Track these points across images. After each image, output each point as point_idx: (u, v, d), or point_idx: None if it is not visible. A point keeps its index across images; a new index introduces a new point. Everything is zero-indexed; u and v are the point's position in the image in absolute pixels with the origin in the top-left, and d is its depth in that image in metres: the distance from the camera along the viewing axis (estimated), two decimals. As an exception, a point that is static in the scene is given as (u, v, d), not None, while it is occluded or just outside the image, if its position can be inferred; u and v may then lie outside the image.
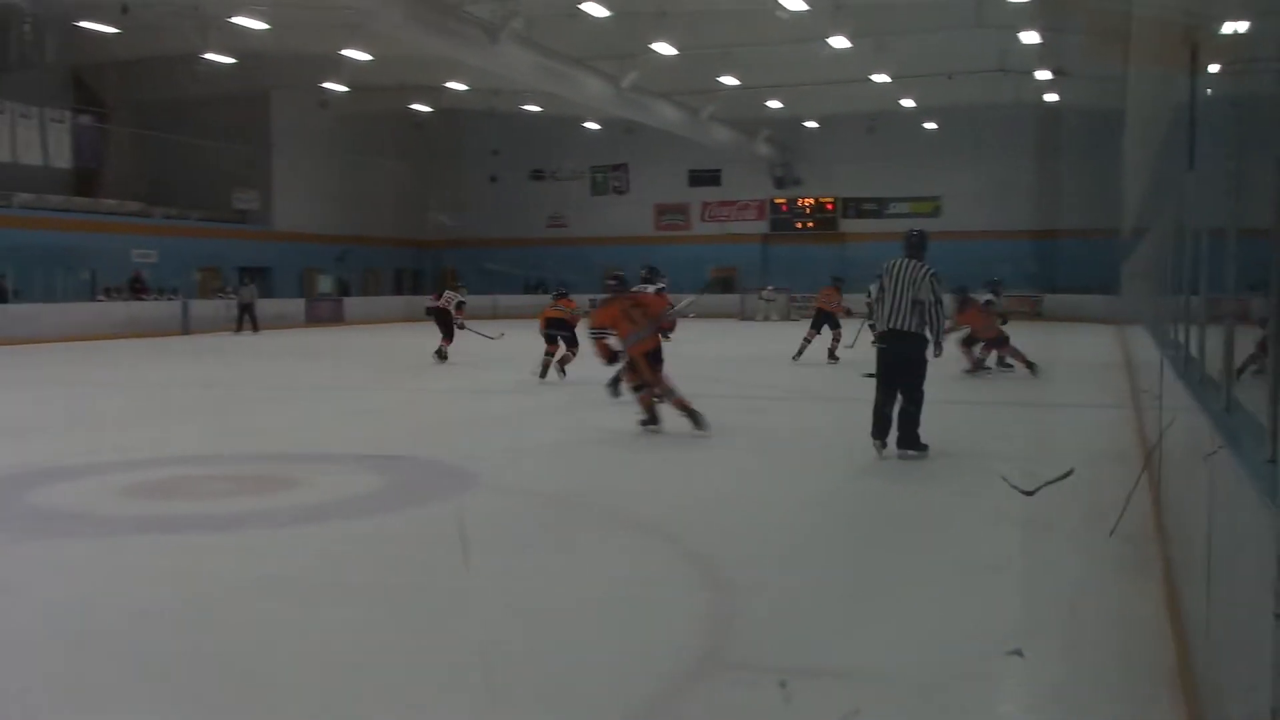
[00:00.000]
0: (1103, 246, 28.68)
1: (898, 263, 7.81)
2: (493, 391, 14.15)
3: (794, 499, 7.04)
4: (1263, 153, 2.39)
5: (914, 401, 7.84)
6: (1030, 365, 14.86)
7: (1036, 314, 32.88)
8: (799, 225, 39.69)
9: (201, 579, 5.07)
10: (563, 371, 14.68)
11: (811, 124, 37.70)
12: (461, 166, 42.36)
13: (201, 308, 29.23)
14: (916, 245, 7.93)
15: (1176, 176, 5.49)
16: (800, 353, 17.07)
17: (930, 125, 36.16)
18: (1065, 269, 32.93)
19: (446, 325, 18.04)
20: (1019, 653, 3.83)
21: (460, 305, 18.52)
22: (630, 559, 5.45)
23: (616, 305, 9.55)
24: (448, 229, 41.37)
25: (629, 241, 40.82)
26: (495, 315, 37.31)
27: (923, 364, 7.85)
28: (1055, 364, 16.32)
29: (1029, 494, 5.86)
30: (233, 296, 30.07)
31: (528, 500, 6.88)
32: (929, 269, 7.77)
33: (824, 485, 7.54)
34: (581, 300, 16.63)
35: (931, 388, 8.11)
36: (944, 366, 10.30)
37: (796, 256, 38.26)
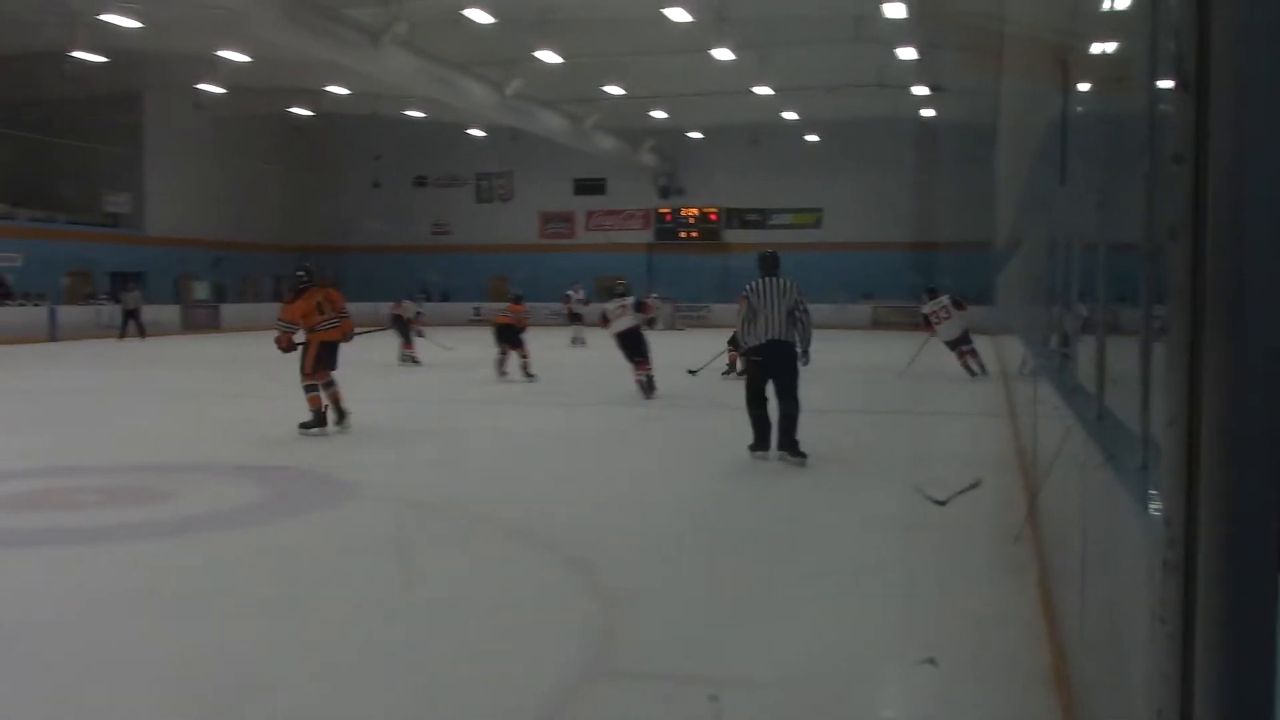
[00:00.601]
0: (978, 258, 29.51)
1: (762, 282, 8.29)
2: (377, 400, 13.92)
3: (676, 504, 7.07)
4: (1130, 169, 2.46)
5: (795, 406, 8.23)
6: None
7: (916, 324, 33.70)
8: (683, 235, 40.05)
9: (74, 592, 4.91)
10: (529, 375, 15.76)
11: (695, 135, 38.08)
12: (343, 172, 41.74)
13: (69, 314, 28.21)
14: (774, 264, 8.47)
15: (1049, 191, 5.66)
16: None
17: (812, 138, 36.82)
18: (942, 280, 33.76)
19: (405, 332, 19.10)
20: (932, 661, 3.88)
21: (419, 314, 19.78)
22: (513, 567, 5.41)
23: (309, 298, 10.08)
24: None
25: (514, 249, 40.76)
26: (378, 325, 36.79)
27: (797, 370, 8.31)
28: (933, 374, 16.69)
29: (941, 503, 6.00)
30: (108, 302, 29.11)
31: (409, 510, 6.79)
32: (796, 283, 8.35)
33: (709, 490, 7.59)
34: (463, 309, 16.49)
35: (819, 396, 8.26)
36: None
37: (681, 266, 38.63)
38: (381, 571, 5.34)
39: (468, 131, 37.96)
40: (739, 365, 16.81)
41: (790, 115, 34.21)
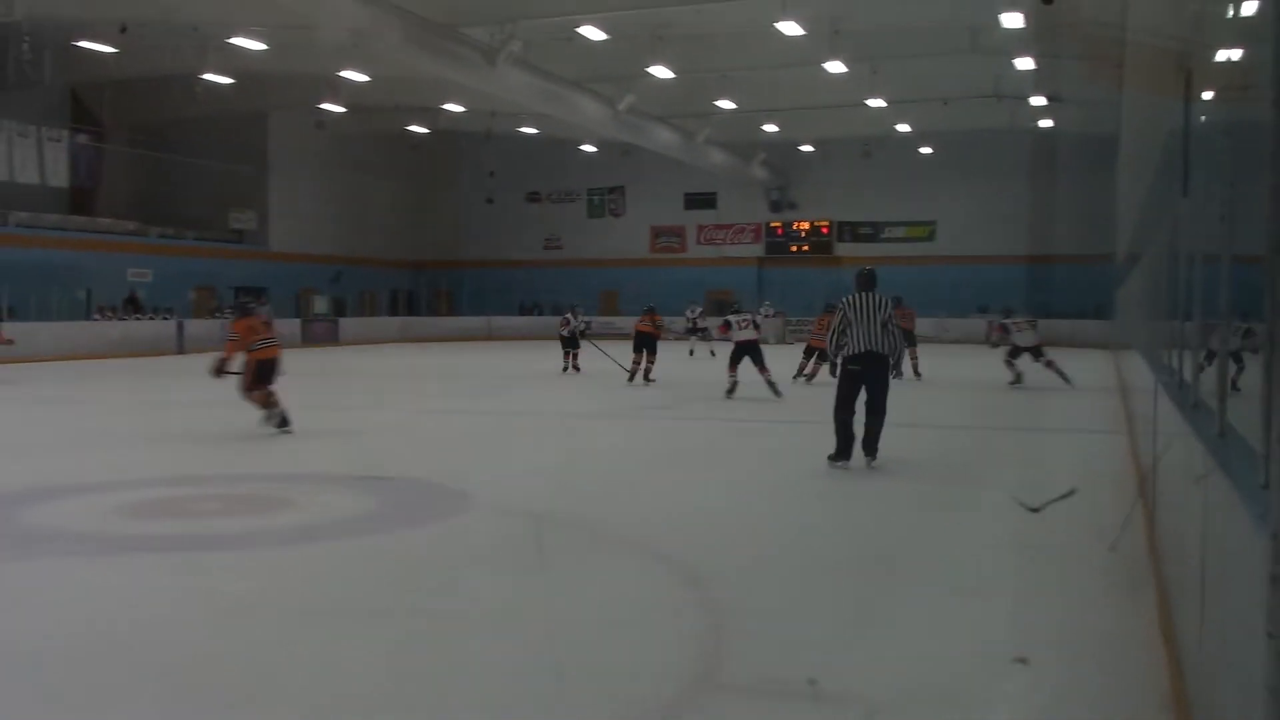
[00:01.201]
0: (1097, 272, 28.78)
1: (858, 296, 8.73)
2: (490, 413, 14.17)
3: (784, 520, 7.05)
4: (1255, 180, 2.42)
5: (883, 418, 8.73)
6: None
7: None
8: (794, 249, 39.84)
9: (208, 596, 5.10)
10: (649, 379, 17.69)
11: (807, 148, 37.87)
12: (458, 188, 42.52)
13: (196, 327, 29.24)
14: (871, 280, 8.91)
15: (1170, 203, 5.53)
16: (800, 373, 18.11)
17: (925, 150, 36.35)
18: (1059, 294, 33.04)
19: (573, 344, 20.60)
20: (1024, 660, 3.84)
21: (586, 326, 21.37)
22: (623, 579, 5.45)
23: (249, 320, 11.32)
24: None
25: (624, 264, 41.00)
26: (490, 336, 37.37)
27: (888, 382, 8.88)
28: (1051, 389, 16.38)
29: (1035, 510, 5.93)
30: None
31: (523, 521, 6.87)
32: (890, 298, 8.94)
33: (814, 507, 7.55)
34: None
35: (930, 413, 8.21)
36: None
37: (792, 279, 38.43)
38: (497, 582, 5.42)
39: (580, 147, 38.36)
40: (807, 370, 18.07)
41: (903, 127, 33.83)
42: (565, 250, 42.47)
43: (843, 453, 8.70)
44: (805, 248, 39.67)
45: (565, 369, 20.53)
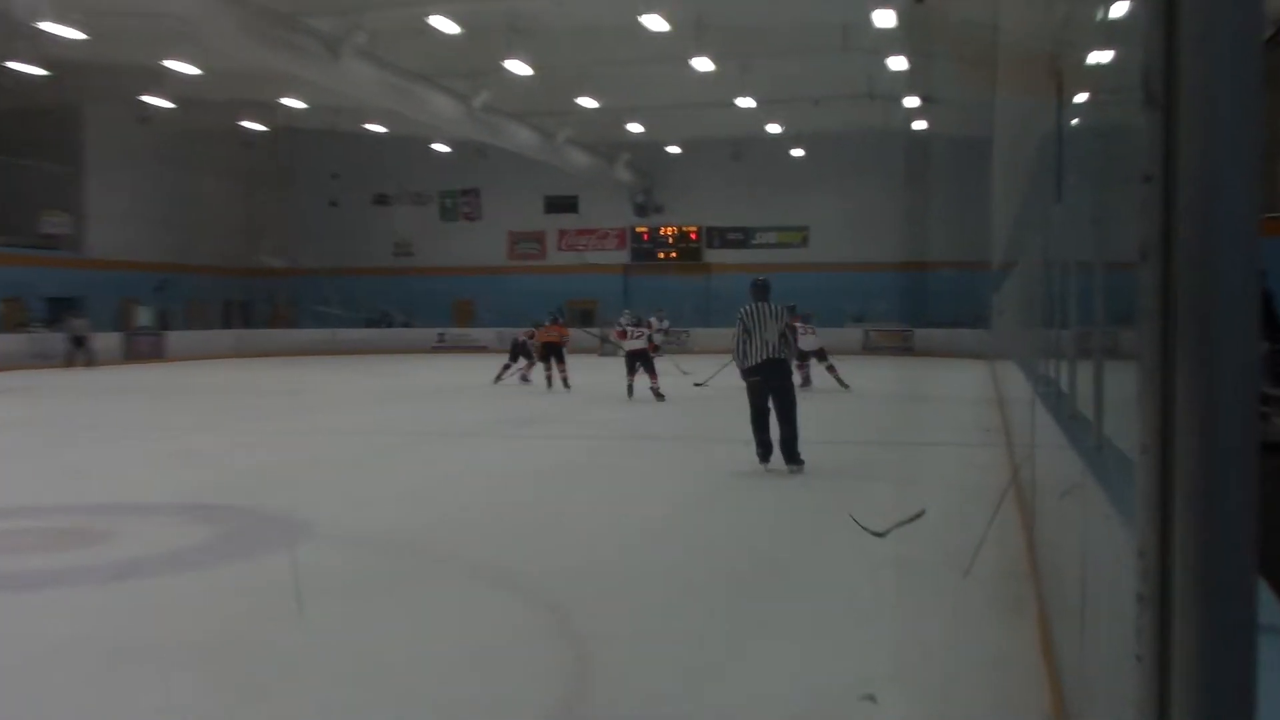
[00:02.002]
0: (973, 279, 29.72)
1: (755, 307, 9.65)
2: (340, 433, 13.92)
3: (658, 542, 7.08)
4: (1127, 185, 2.51)
5: (794, 424, 9.70)
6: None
7: (907, 349, 33.91)
8: (662, 255, 40.19)
9: (22, 639, 4.89)
10: (567, 385, 19.29)
11: (674, 149, 38.27)
12: (298, 189, 41.76)
13: (3, 342, 28.04)
14: (765, 290, 9.89)
15: (1044, 208, 5.72)
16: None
17: (797, 152, 37.06)
18: (935, 302, 34.03)
19: (527, 355, 21.10)
20: (871, 698, 3.92)
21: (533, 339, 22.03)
22: (482, 610, 5.41)
23: None
24: (281, 260, 40.65)
25: (480, 271, 40.80)
26: (335, 350, 36.74)
27: (793, 384, 10.03)
28: (927, 400, 16.81)
29: (879, 535, 6.10)
30: (45, 330, 29.03)
31: (370, 550, 6.77)
32: (784, 307, 9.87)
33: (693, 527, 7.60)
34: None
35: (813, 427, 8.37)
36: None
37: (659, 288, 38.75)
38: (344, 617, 5.32)
39: (432, 147, 38.04)
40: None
41: (774, 128, 34.44)
42: (416, 257, 42.03)
43: (762, 454, 9.79)
44: (673, 254, 40.07)
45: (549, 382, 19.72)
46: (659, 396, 16.99)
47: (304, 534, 7.27)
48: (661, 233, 40.25)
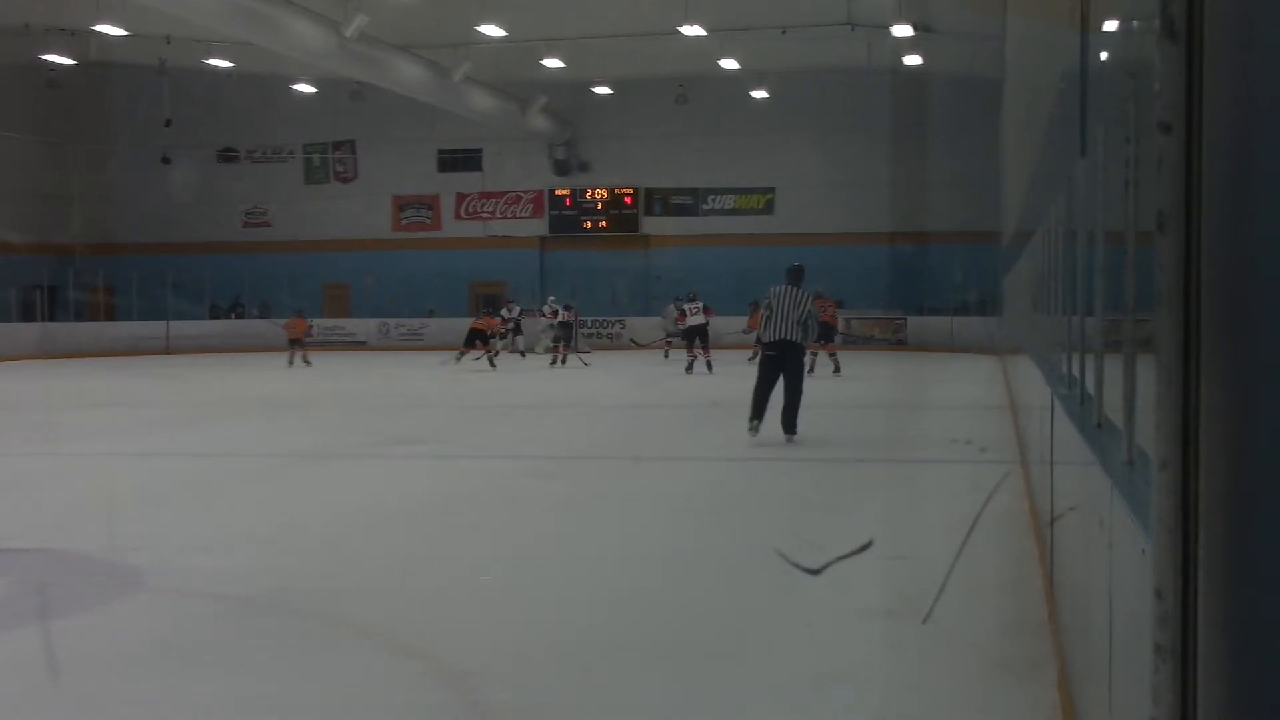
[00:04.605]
0: (979, 255, 30.00)
1: (784, 289, 12.86)
2: (175, 455, 13.78)
3: (578, 594, 7.08)
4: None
5: (799, 396, 13.00)
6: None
7: (899, 341, 34.14)
8: (588, 225, 40.27)
9: None
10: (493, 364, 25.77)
11: (603, 90, 38.23)
12: (120, 143, 41.21)
13: None
14: (799, 276, 13.10)
15: (1066, 165, 5.77)
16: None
17: (759, 94, 37.16)
18: (933, 284, 34.29)
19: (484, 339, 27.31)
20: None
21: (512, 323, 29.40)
22: (358, 679, 5.38)
23: None
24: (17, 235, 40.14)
25: (357, 247, 40.57)
26: (171, 349, 36.35)
27: (804, 368, 13.56)
28: (923, 408, 16.95)
29: (815, 572, 6.16)
30: None
31: (213, 607, 6.72)
32: (810, 295, 12.99)
33: (624, 575, 7.60)
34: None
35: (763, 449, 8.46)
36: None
37: (586, 267, 38.74)
38: (179, 689, 5.27)
39: (293, 88, 37.67)
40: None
41: (730, 64, 34.44)
42: (275, 228, 41.69)
43: (755, 415, 12.91)
44: (603, 223, 40.15)
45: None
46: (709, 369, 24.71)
47: (127, 585, 7.19)
48: (588, 196, 40.32)
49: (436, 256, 39.64)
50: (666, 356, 30.25)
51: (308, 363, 28.32)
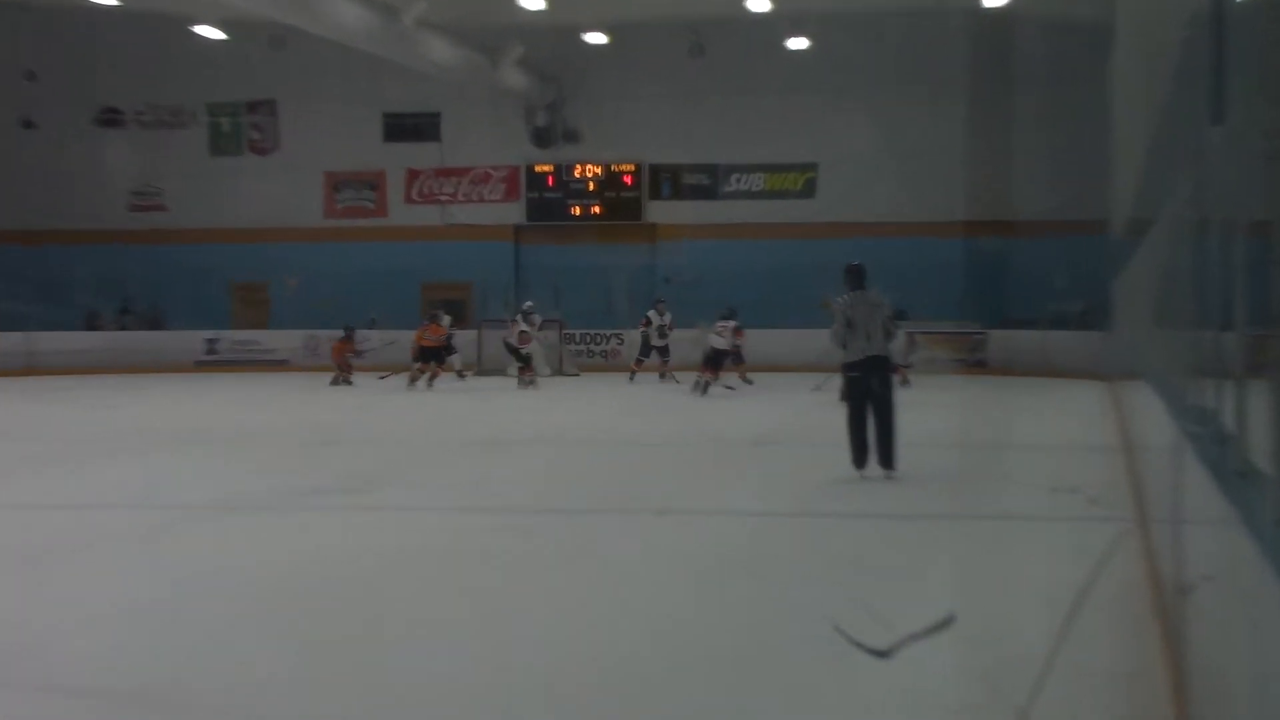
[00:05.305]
0: (1082, 249, 29.97)
1: (855, 296, 13.88)
2: (38, 507, 13.78)
3: (563, 681, 7.08)
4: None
5: (892, 424, 13.78)
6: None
7: (977, 363, 34.02)
8: (576, 210, 40.19)
9: None
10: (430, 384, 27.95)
11: (596, 37, 38.20)
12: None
13: None
14: (861, 276, 14.10)
15: (1195, 135, 5.77)
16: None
17: (797, 43, 37.16)
18: (1023, 288, 34.18)
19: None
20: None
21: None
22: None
23: None
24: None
25: (278, 236, 40.37)
26: (33, 369, 36.36)
27: (893, 384, 14.25)
28: (1013, 448, 16.93)
29: (883, 655, 6.15)
30: None
31: (82, 704, 6.71)
32: (884, 297, 14.00)
33: (605, 654, 7.60)
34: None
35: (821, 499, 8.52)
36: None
37: (574, 265, 38.62)
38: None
39: (195, 31, 37.67)
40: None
41: (759, 5, 34.54)
42: (171, 213, 41.52)
43: (858, 461, 13.90)
44: (596, 209, 40.05)
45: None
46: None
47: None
48: (576, 175, 40.21)
49: (381, 251, 39.52)
50: (632, 379, 31.21)
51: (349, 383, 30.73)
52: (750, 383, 28.00)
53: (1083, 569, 8.84)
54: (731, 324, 26.98)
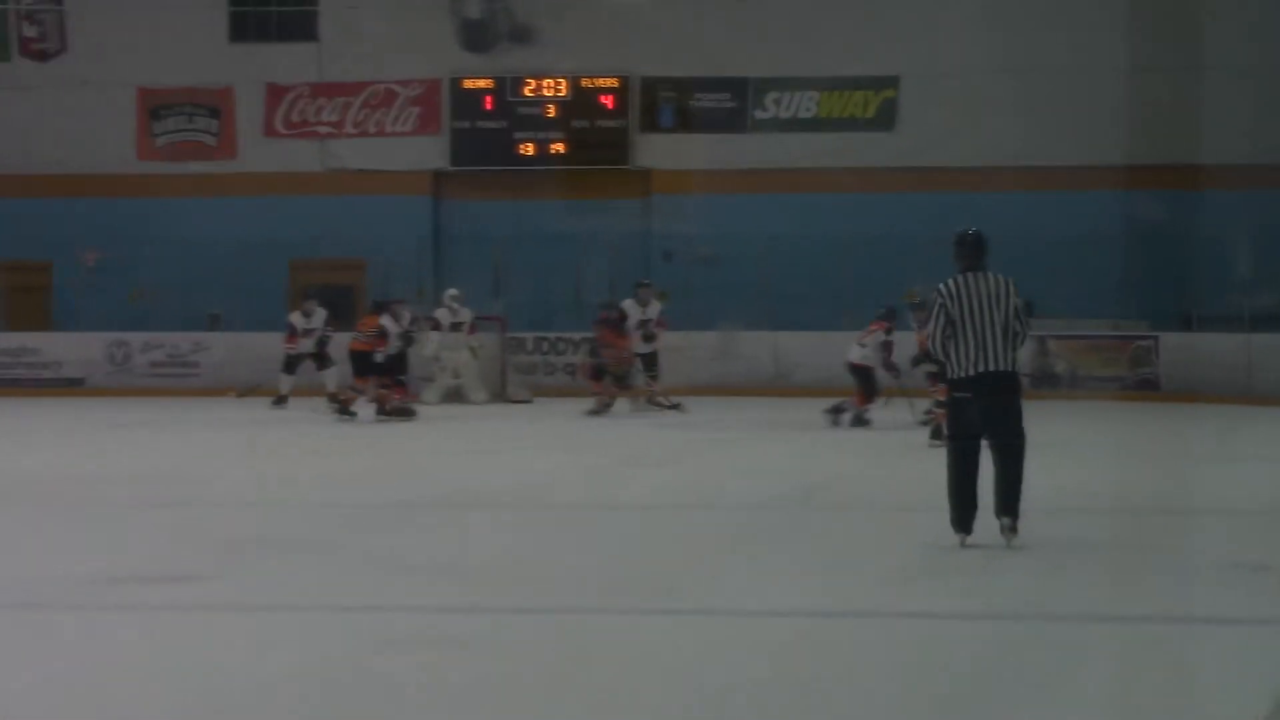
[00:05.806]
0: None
1: (966, 281, 13.09)
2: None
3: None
4: None
5: (1018, 458, 13.09)
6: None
7: (1144, 382, 33.96)
8: (527, 149, 40.40)
9: None
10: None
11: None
12: None
13: None
14: (979, 250, 13.35)
15: None
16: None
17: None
18: (1214, 269, 34.28)
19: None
20: None
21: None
22: None
23: None
24: None
25: (68, 188, 40.30)
26: None
27: (1021, 410, 13.38)
28: (1190, 513, 17.00)
29: None
30: None
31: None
32: (1010, 279, 13.18)
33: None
34: None
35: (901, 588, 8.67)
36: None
37: (522, 233, 38.70)
38: None
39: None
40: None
41: None
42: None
43: (961, 522, 13.18)
44: (558, 146, 40.22)
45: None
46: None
47: None
48: (528, 93, 40.41)
49: (228, 211, 39.62)
50: (599, 410, 30.79)
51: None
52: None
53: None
54: (884, 327, 25.97)
